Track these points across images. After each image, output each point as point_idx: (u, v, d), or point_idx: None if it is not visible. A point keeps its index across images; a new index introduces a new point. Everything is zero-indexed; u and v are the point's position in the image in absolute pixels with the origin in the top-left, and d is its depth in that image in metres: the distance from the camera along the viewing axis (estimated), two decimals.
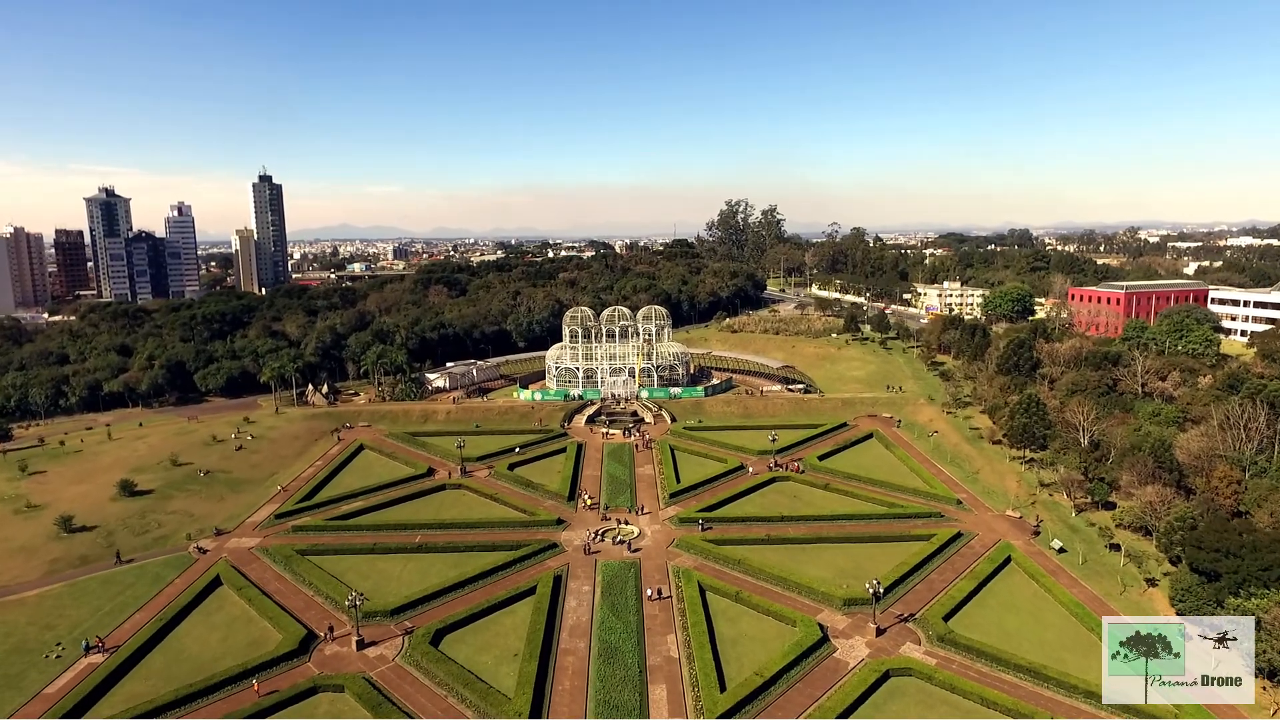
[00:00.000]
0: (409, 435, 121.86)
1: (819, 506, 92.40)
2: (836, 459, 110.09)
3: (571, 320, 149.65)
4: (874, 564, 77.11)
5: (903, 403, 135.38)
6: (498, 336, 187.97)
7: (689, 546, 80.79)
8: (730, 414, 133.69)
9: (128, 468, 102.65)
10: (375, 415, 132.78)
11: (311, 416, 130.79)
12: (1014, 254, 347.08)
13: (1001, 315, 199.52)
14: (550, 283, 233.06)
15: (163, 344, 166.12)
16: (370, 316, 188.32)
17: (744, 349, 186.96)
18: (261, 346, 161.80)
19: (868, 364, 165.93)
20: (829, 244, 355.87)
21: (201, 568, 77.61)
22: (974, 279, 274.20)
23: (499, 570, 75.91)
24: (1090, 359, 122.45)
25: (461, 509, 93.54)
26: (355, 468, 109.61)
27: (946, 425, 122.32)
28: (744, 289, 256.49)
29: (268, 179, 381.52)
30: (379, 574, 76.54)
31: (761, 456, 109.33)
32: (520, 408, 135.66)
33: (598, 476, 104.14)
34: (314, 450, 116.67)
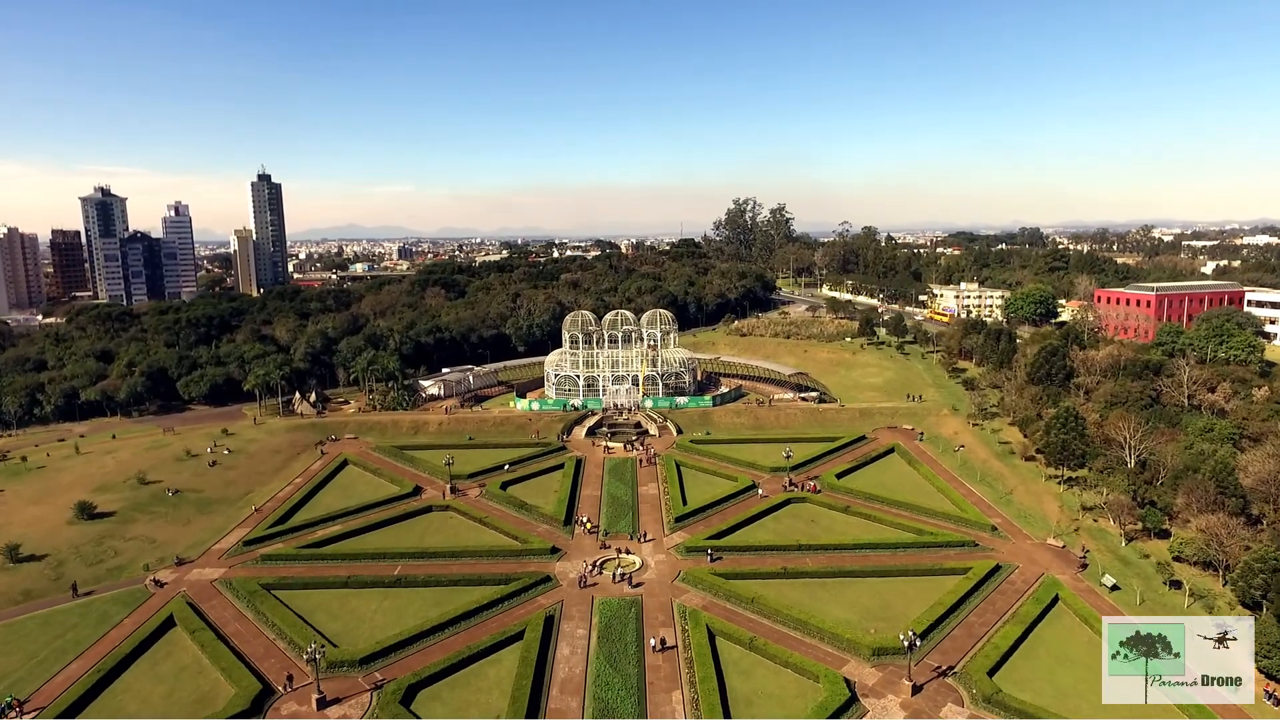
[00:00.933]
0: (397, 449, 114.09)
1: (839, 533, 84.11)
2: (856, 477, 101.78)
3: (572, 325, 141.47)
4: (904, 602, 68.96)
5: (924, 413, 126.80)
6: (496, 341, 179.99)
7: (696, 581, 72.65)
8: (740, 425, 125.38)
9: (90, 486, 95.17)
10: (363, 426, 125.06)
11: (295, 428, 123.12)
12: (1030, 254, 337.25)
13: (1023, 318, 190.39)
14: (552, 284, 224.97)
15: (146, 349, 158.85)
16: (364, 320, 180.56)
17: (754, 354, 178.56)
18: (248, 352, 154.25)
19: (885, 370, 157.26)
20: (840, 243, 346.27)
21: (156, 604, 69.89)
22: (990, 279, 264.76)
23: (484, 610, 67.93)
24: (1129, 368, 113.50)
25: (448, 534, 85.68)
26: (338, 485, 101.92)
27: (973, 439, 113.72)
28: (753, 290, 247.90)
29: (266, 178, 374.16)
30: (351, 613, 68.70)
31: (775, 474, 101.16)
32: (517, 418, 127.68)
33: (597, 497, 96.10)
34: (295, 466, 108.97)
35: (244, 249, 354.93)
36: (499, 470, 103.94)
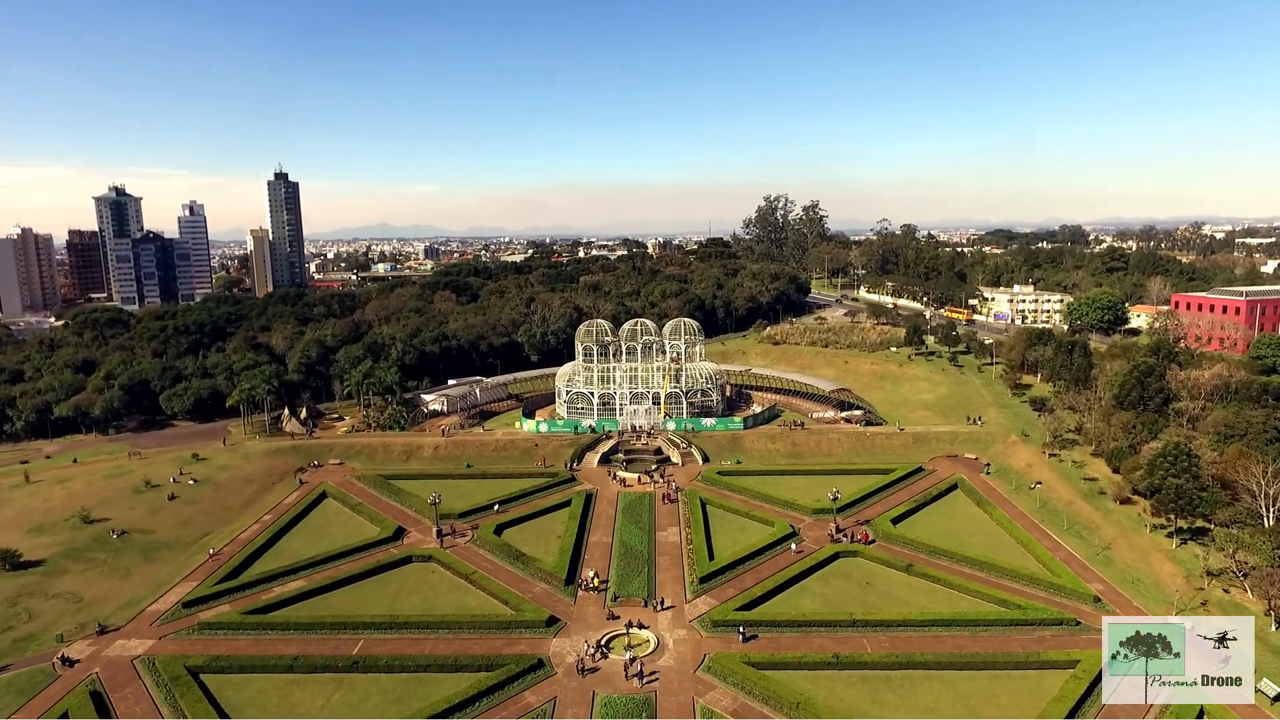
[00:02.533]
0: (384, 479, 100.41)
1: (902, 601, 68.34)
2: (916, 521, 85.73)
3: (586, 335, 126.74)
4: (993, 710, 53.15)
5: (989, 439, 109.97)
6: (508, 349, 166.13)
7: (725, 673, 57.50)
8: (776, 453, 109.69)
9: (26, 526, 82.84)
10: (351, 450, 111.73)
11: (275, 452, 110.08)
12: (1081, 253, 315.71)
13: (1089, 325, 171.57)
14: (570, 287, 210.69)
15: (132, 358, 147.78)
16: (366, 326, 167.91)
17: (789, 364, 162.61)
18: (238, 362, 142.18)
19: (938, 386, 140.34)
20: (878, 242, 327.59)
21: (55, 693, 56.54)
22: (1043, 281, 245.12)
23: (456, 711, 53.54)
24: (1243, 391, 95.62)
25: (426, 595, 71.53)
26: (311, 525, 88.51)
27: (1051, 473, 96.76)
28: (786, 293, 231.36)
29: (284, 176, 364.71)
30: (291, 709, 54.76)
31: (819, 517, 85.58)
32: (521, 442, 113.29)
33: (608, 544, 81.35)
34: (267, 499, 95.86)
35: (259, 249, 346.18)
36: (499, 507, 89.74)
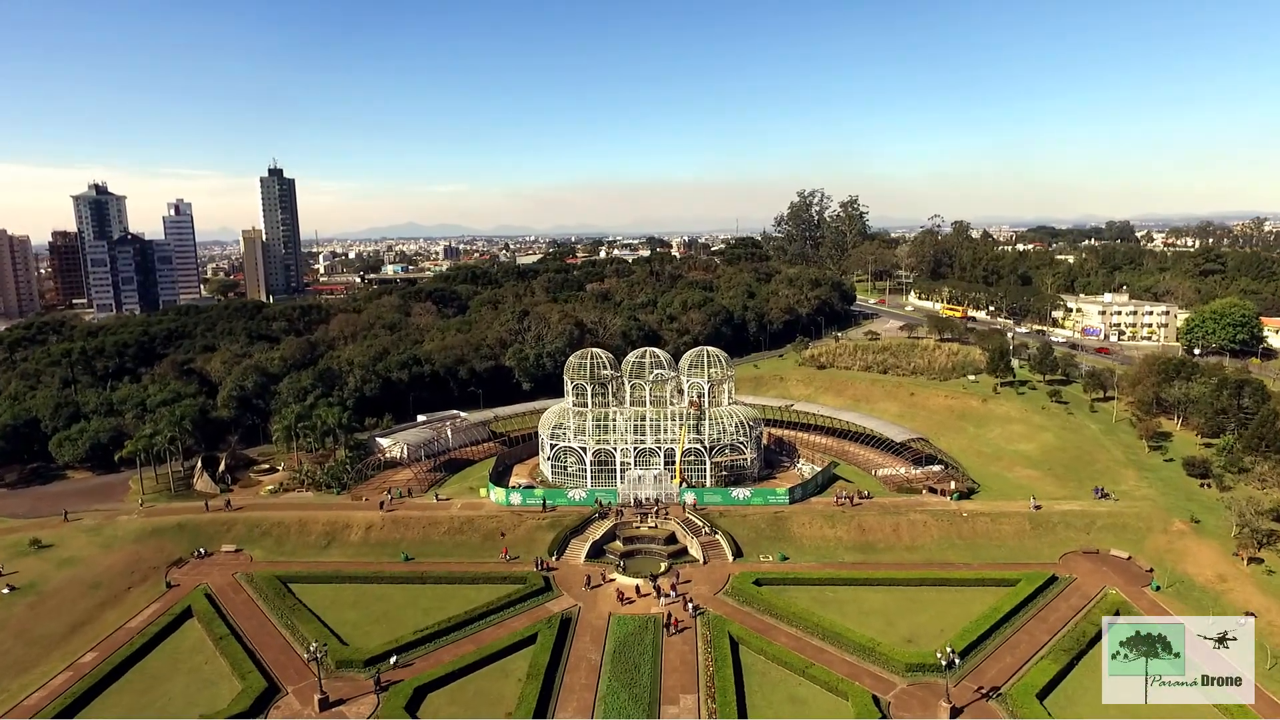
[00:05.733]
0: (282, 584, 70.82)
1: None
2: (1072, 690, 53.94)
3: (578, 370, 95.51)
4: None
5: (1140, 526, 77.40)
6: (495, 375, 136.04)
7: None
8: (836, 542, 78.09)
9: None
10: (256, 529, 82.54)
11: (151, 533, 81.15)
12: (1164, 254, 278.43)
13: (1215, 346, 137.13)
14: (576, 296, 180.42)
15: (30, 388, 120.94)
16: (326, 347, 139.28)
17: (839, 396, 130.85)
18: (154, 395, 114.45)
19: (1040, 431, 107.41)
20: (928, 240, 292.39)
21: None
22: (1128, 286, 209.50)
23: None
24: None
25: None
26: (145, 674, 59.06)
27: (1262, 595, 64.10)
28: (828, 302, 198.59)
29: (278, 173, 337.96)
30: None
31: (915, 677, 54.42)
32: (484, 520, 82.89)
33: None
34: (107, 618, 66.77)
35: (251, 251, 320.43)
36: (424, 643, 59.80)
